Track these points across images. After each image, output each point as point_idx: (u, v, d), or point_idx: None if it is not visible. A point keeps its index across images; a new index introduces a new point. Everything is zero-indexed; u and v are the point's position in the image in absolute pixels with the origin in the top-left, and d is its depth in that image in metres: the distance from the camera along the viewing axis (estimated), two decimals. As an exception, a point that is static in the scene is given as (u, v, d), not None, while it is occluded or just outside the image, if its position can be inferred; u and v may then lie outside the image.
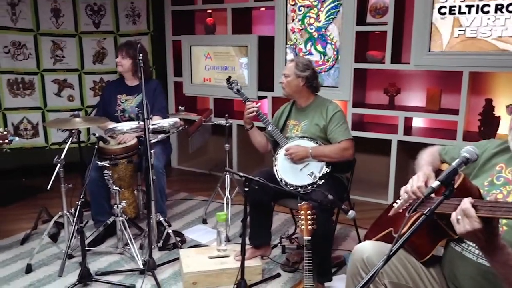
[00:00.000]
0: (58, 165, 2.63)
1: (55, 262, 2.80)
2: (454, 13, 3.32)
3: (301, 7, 3.93)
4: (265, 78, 4.24)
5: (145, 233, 2.91)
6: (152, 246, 2.72)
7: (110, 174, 2.81)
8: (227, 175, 3.40)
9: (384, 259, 1.15)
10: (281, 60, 4.08)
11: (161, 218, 2.96)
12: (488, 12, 3.20)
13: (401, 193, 1.61)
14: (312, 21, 3.91)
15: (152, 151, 2.71)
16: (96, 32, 4.53)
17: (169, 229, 2.98)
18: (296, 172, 2.58)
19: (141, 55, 2.62)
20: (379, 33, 3.77)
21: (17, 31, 4.19)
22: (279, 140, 2.70)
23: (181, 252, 2.75)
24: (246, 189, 2.18)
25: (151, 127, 2.72)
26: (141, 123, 2.68)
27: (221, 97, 4.53)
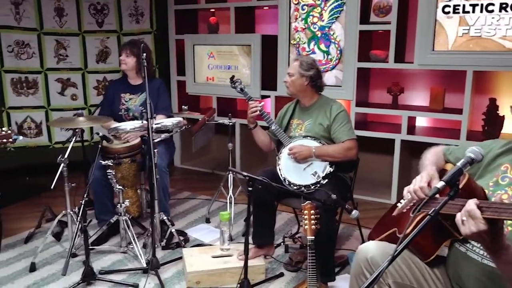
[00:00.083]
0: (62, 164, 2.63)
1: (59, 261, 2.81)
2: (458, 12, 3.31)
3: (305, 6, 3.92)
4: (268, 77, 4.23)
5: (148, 232, 2.91)
6: (156, 245, 2.72)
7: (113, 173, 2.81)
8: (230, 174, 3.40)
9: (388, 259, 1.15)
10: (284, 59, 4.08)
11: (165, 217, 2.96)
12: (492, 11, 3.18)
13: (404, 193, 1.60)
14: (316, 20, 3.90)
15: (156, 150, 2.71)
16: (99, 31, 4.53)
17: (172, 228, 2.98)
18: (300, 172, 2.58)
19: (144, 54, 2.62)
20: (382, 32, 3.76)
21: (20, 30, 4.20)
22: (282, 139, 2.70)
23: (184, 251, 2.75)
24: (250, 189, 2.18)
25: (154, 126, 2.73)
26: (145, 122, 2.69)
27: (224, 96, 4.53)
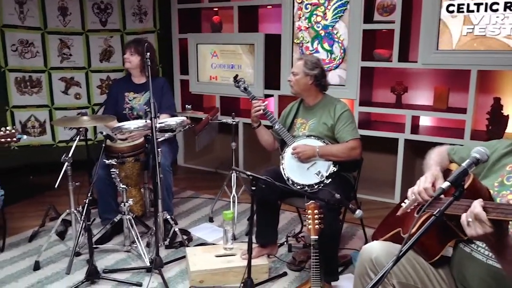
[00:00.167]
0: (66, 163, 2.64)
1: (63, 259, 2.82)
2: (463, 11, 3.29)
3: (308, 5, 3.92)
4: (272, 77, 4.23)
5: (152, 231, 2.91)
6: (159, 244, 2.73)
7: (117, 172, 2.82)
8: (233, 173, 3.40)
9: (393, 259, 1.15)
10: (287, 59, 4.07)
11: (168, 216, 2.96)
12: (497, 10, 3.17)
13: (408, 194, 1.60)
14: (319, 19, 3.90)
15: (159, 149, 2.71)
16: (103, 30, 4.54)
17: (175, 227, 2.99)
18: (303, 171, 2.58)
19: (148, 54, 2.62)
20: (386, 31, 3.75)
21: (24, 29, 4.21)
22: (286, 138, 2.69)
23: (187, 250, 2.75)
24: (253, 188, 2.18)
25: (158, 125, 2.73)
26: (149, 121, 2.69)
27: (228, 95, 4.53)
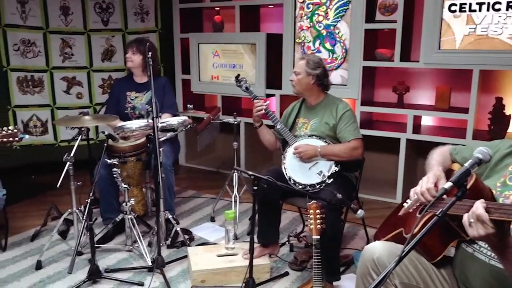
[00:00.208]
0: (68, 162, 2.64)
1: (65, 259, 2.82)
2: (465, 11, 3.29)
3: (310, 5, 3.91)
4: (273, 76, 4.23)
5: (153, 231, 2.92)
6: (161, 243, 2.73)
7: (119, 172, 2.82)
8: (235, 173, 3.40)
9: (396, 260, 1.14)
10: (289, 58, 4.07)
11: (170, 216, 2.96)
12: (499, 9, 3.16)
13: (411, 194, 1.60)
14: (321, 18, 3.89)
15: (161, 149, 2.71)
16: (104, 30, 4.54)
17: (177, 227, 2.99)
18: (305, 171, 2.58)
19: (150, 53, 2.62)
20: (388, 30, 3.75)
21: (26, 29, 4.22)
22: (287, 138, 2.69)
23: (189, 250, 2.75)
24: (255, 188, 2.18)
25: (160, 125, 2.73)
26: (150, 121, 2.69)
27: (229, 95, 4.53)
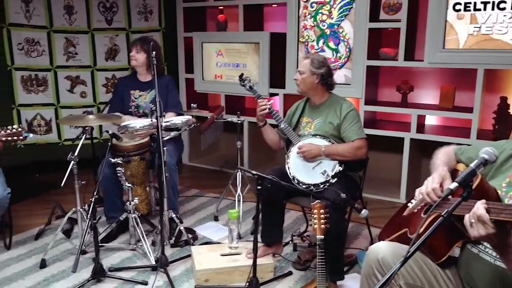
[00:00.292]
0: (72, 162, 2.65)
1: (69, 257, 2.83)
2: (469, 10, 3.27)
3: (314, 4, 3.91)
4: (277, 75, 4.22)
5: (157, 230, 2.92)
6: (164, 242, 2.73)
7: (123, 171, 2.82)
8: (238, 172, 3.40)
9: (401, 261, 1.14)
10: (293, 57, 4.07)
11: (173, 215, 2.97)
12: (504, 8, 3.15)
13: (416, 194, 1.59)
14: (325, 17, 3.88)
15: (165, 148, 2.72)
16: (108, 29, 4.55)
17: (181, 226, 2.99)
18: (309, 170, 2.57)
19: (154, 53, 2.62)
20: (392, 30, 3.74)
21: (30, 28, 4.23)
22: (291, 138, 2.69)
23: (193, 249, 2.76)
24: (259, 187, 2.18)
25: (164, 124, 2.73)
26: (154, 120, 2.69)
27: (233, 94, 4.52)
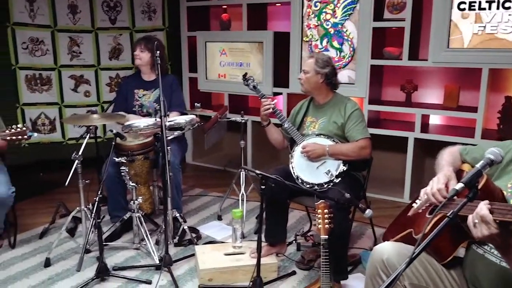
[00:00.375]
0: (76, 161, 2.65)
1: (73, 256, 2.84)
2: (474, 9, 3.26)
3: (317, 3, 3.90)
4: (280, 75, 4.22)
5: (161, 229, 2.92)
6: (168, 242, 2.73)
7: (126, 170, 2.83)
8: (242, 171, 3.40)
9: (406, 261, 1.14)
10: (296, 57, 4.06)
11: (177, 214, 2.97)
12: (509, 8, 3.13)
13: (421, 194, 1.59)
14: (329, 17, 3.88)
15: (169, 147, 2.72)
16: (112, 28, 4.56)
17: (184, 225, 3.00)
18: (313, 170, 2.57)
19: (158, 52, 2.63)
20: (396, 29, 3.73)
21: (35, 27, 4.24)
22: (295, 137, 2.68)
23: (197, 248, 2.76)
24: (263, 187, 2.18)
25: (167, 124, 2.73)
26: (158, 119, 2.69)
27: (236, 93, 4.52)
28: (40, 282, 2.56)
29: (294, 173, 2.61)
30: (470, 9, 3.28)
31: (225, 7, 4.69)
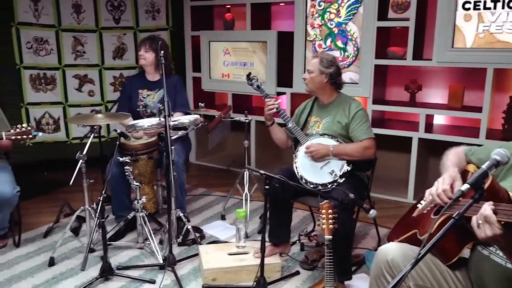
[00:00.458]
0: (80, 160, 2.66)
1: (77, 255, 2.85)
2: (479, 9, 3.24)
3: (321, 2, 3.89)
4: (284, 74, 4.21)
5: (165, 229, 2.93)
6: (172, 241, 2.74)
7: (130, 170, 2.83)
8: (246, 171, 3.40)
9: (412, 262, 1.14)
10: (300, 56, 4.06)
11: (181, 214, 2.97)
12: (514, 7, 3.12)
13: (426, 195, 1.59)
14: (333, 16, 3.87)
15: (173, 147, 2.72)
16: (116, 28, 4.57)
17: (188, 225, 3.00)
18: (317, 170, 2.57)
19: (162, 52, 2.63)
20: (400, 28, 3.71)
21: (39, 27, 4.25)
22: (299, 137, 2.68)
23: (200, 248, 2.76)
24: (267, 187, 2.18)
25: (171, 123, 2.73)
26: (162, 119, 2.70)
27: (240, 93, 4.52)
28: (44, 281, 2.57)
29: (298, 173, 2.60)
30: (475, 8, 3.26)
31: (228, 6, 4.69)
